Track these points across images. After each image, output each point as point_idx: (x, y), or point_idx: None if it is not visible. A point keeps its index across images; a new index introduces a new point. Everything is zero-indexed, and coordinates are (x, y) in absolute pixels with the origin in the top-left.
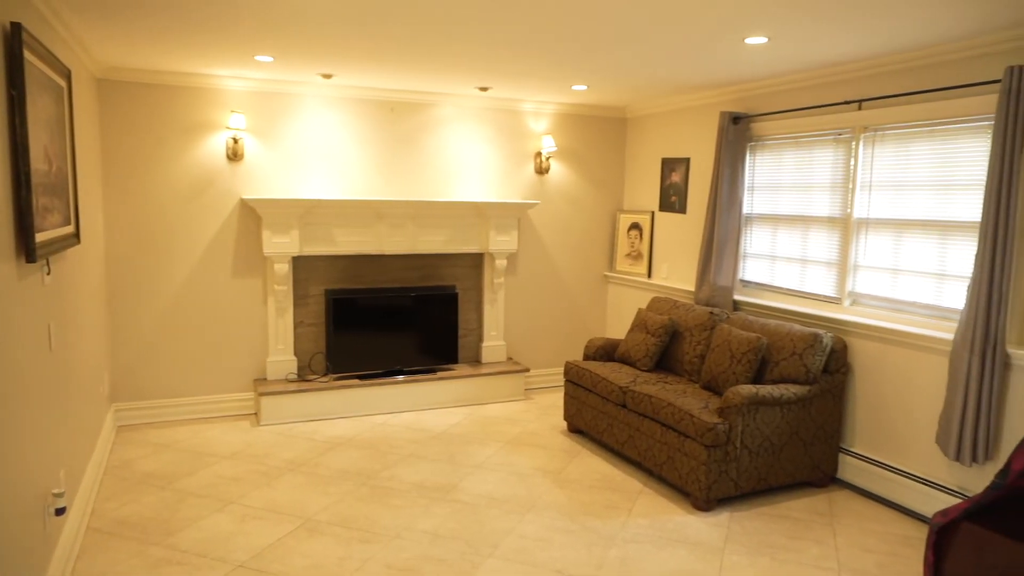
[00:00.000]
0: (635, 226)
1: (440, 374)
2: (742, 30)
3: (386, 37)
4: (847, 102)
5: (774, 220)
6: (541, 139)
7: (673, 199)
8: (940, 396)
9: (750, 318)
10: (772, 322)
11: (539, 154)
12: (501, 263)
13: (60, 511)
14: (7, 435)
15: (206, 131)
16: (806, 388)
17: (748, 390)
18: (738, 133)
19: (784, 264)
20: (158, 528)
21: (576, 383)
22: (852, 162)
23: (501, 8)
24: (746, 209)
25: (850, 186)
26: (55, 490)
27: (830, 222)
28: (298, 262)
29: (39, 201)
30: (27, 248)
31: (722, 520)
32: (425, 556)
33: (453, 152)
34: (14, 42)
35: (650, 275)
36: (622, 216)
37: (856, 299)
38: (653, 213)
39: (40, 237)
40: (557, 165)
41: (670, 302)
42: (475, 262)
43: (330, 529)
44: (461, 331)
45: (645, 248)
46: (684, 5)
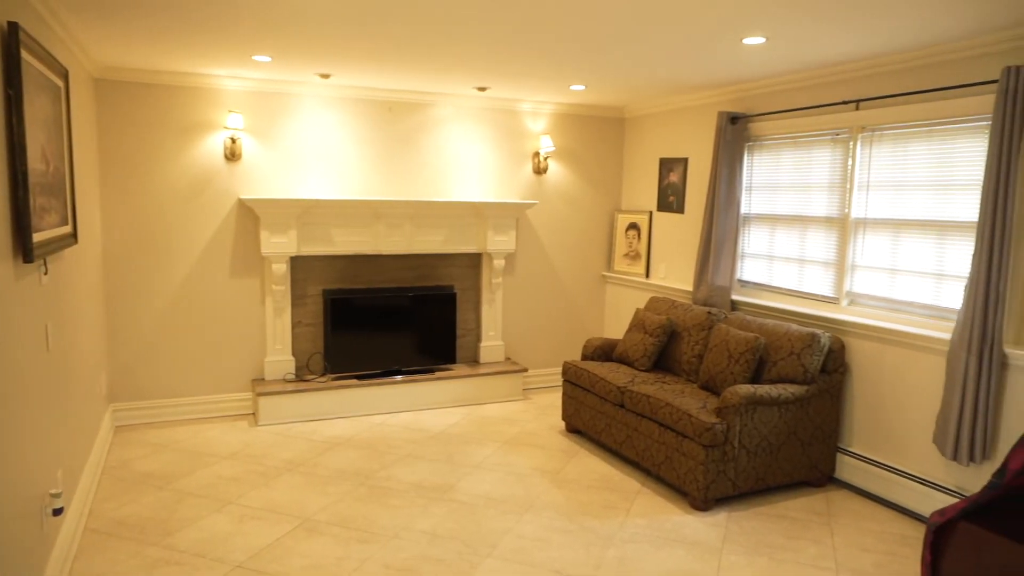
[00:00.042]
0: (633, 226)
1: (438, 374)
2: (740, 30)
3: (385, 37)
4: (845, 102)
5: (772, 220)
6: (539, 139)
7: (671, 199)
8: (937, 396)
9: (748, 318)
10: (770, 322)
11: (537, 154)
12: (499, 263)
13: (57, 511)
14: (4, 436)
15: (204, 131)
16: (804, 388)
17: (746, 390)
18: (736, 133)
19: (782, 264)
20: (156, 528)
21: (574, 383)
22: (850, 162)
23: (501, 8)
24: (744, 209)
25: (848, 186)
26: (52, 490)
27: (828, 222)
28: (296, 262)
29: (36, 201)
30: (24, 248)
31: (720, 520)
32: (423, 556)
33: (451, 152)
34: (11, 42)
35: (648, 275)
36: (620, 216)
37: (854, 299)
38: (651, 213)
39: (37, 237)
40: (555, 165)
41: (668, 302)
42: (473, 262)
43: (328, 529)
44: (459, 331)
45: (643, 248)
46: (682, 5)
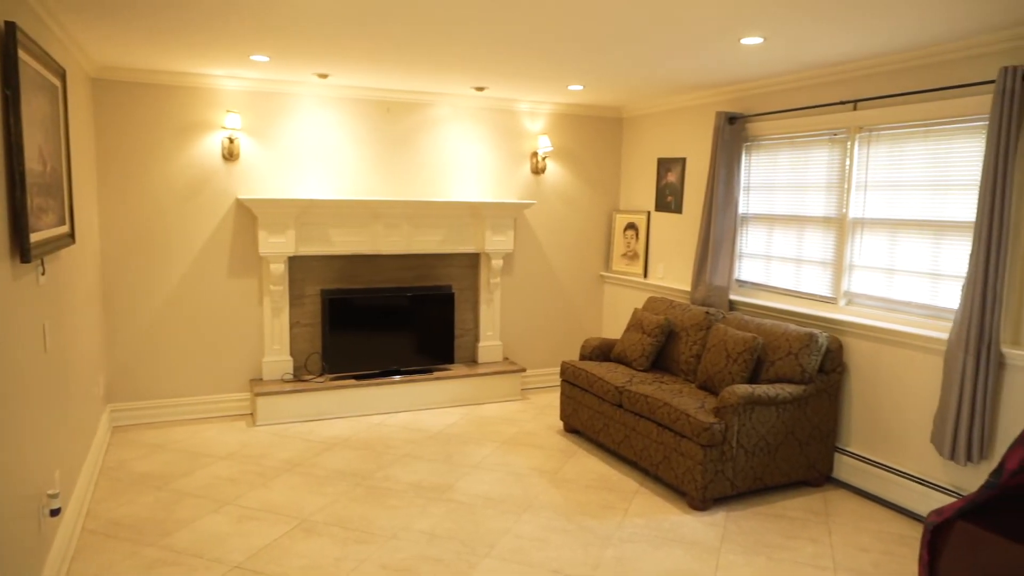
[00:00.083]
0: (631, 226)
1: (436, 374)
2: (738, 30)
3: (385, 37)
4: (842, 102)
5: (770, 220)
6: (537, 139)
7: (669, 199)
8: (935, 395)
9: (746, 318)
10: (768, 322)
11: (535, 154)
12: (497, 263)
13: (55, 512)
14: (2, 436)
15: (201, 131)
16: (802, 388)
17: (744, 390)
18: (734, 133)
19: (780, 264)
20: (154, 529)
21: (572, 383)
22: (847, 162)
23: (501, 8)
24: (742, 209)
25: (845, 186)
26: (50, 491)
27: (825, 222)
28: (294, 262)
29: (34, 201)
30: (22, 248)
31: (718, 520)
32: (421, 556)
33: (449, 152)
34: (8, 41)
35: (646, 275)
36: (618, 216)
37: (851, 299)
38: (649, 213)
39: (35, 237)
40: (553, 165)
41: (666, 302)
42: (471, 262)
43: (326, 529)
44: (457, 331)
45: (641, 248)
46: (681, 6)
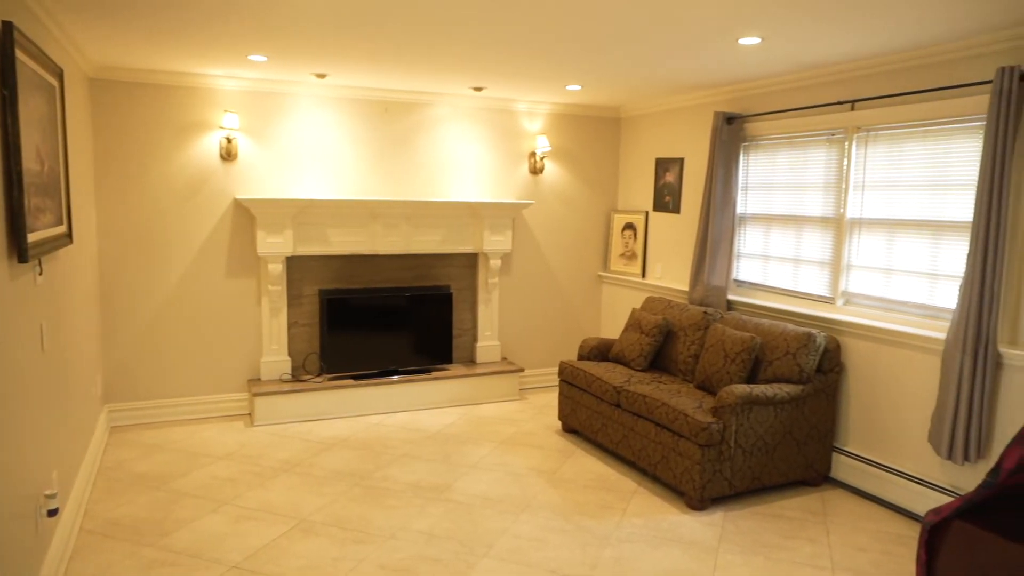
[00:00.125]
0: (629, 226)
1: (435, 374)
2: (736, 31)
3: (384, 37)
4: (840, 102)
5: (768, 220)
6: (535, 139)
7: (667, 199)
8: (932, 395)
9: (744, 318)
10: (766, 322)
11: (533, 154)
12: (495, 263)
13: (53, 512)
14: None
15: (199, 131)
16: (799, 387)
17: (742, 389)
18: (732, 133)
19: (778, 264)
20: (152, 529)
21: (570, 383)
22: (845, 162)
23: (500, 8)
24: (740, 209)
25: (843, 186)
26: (48, 491)
27: (823, 222)
28: (292, 262)
29: (31, 201)
30: (19, 248)
31: (716, 519)
32: (420, 556)
33: (447, 152)
34: (5, 41)
35: (644, 275)
36: (616, 216)
37: (849, 299)
38: (647, 213)
39: (32, 237)
40: (551, 165)
41: (664, 302)
42: (469, 262)
43: (324, 530)
44: (456, 331)
45: (639, 248)
46: (679, 6)
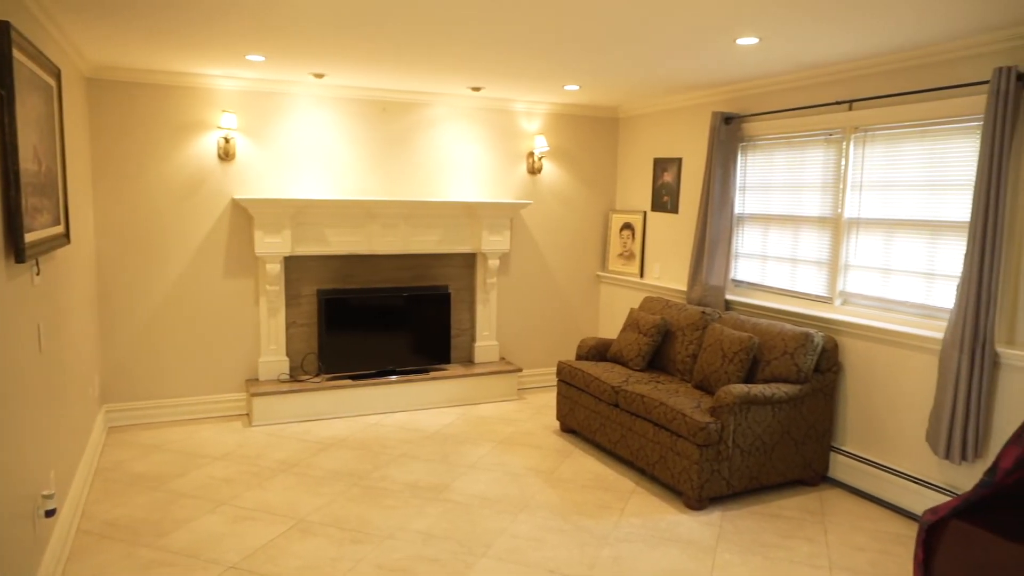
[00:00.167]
0: (627, 226)
1: (433, 374)
2: (734, 31)
3: (384, 37)
4: (838, 102)
5: (765, 220)
6: (533, 139)
7: (665, 199)
8: (930, 395)
9: (742, 318)
10: (764, 321)
11: (531, 154)
12: (494, 263)
13: (50, 513)
14: None
15: (197, 131)
16: (797, 387)
17: (740, 389)
18: (730, 133)
19: (775, 264)
20: (149, 530)
21: (569, 383)
22: (843, 162)
23: (500, 8)
24: (738, 209)
25: (841, 186)
26: (45, 492)
27: (821, 222)
28: (290, 262)
29: (28, 201)
30: (16, 248)
31: (714, 519)
32: (418, 556)
33: (445, 152)
34: (3, 41)
35: (642, 275)
36: (614, 216)
37: (847, 298)
38: (645, 213)
39: (29, 237)
40: (549, 165)
41: (662, 302)
42: (468, 262)
43: (322, 530)
44: (454, 331)
45: (637, 248)
46: (677, 6)
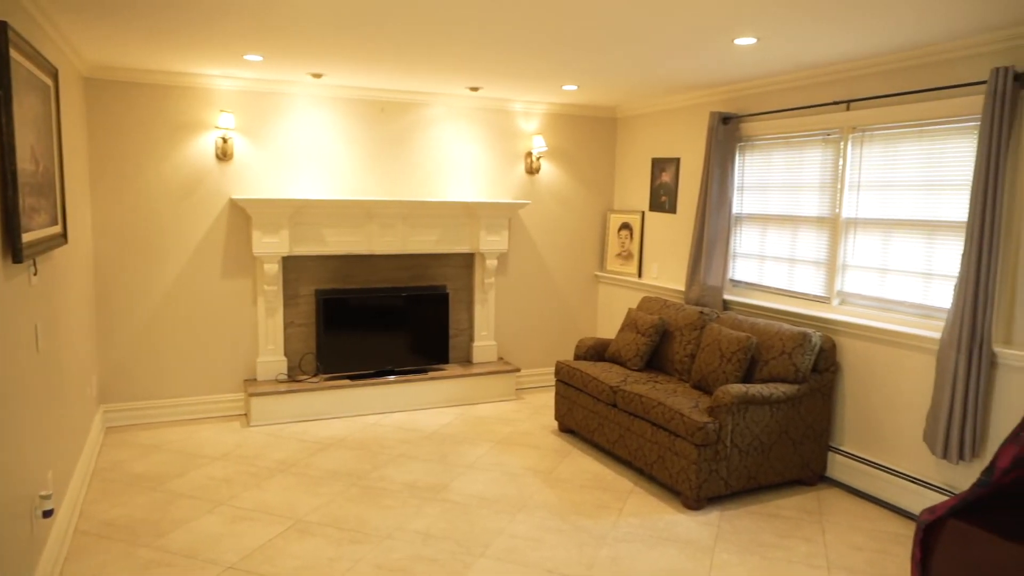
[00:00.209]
0: (625, 226)
1: (431, 374)
2: (732, 31)
3: (384, 37)
4: (836, 103)
5: (763, 220)
6: (531, 139)
7: (663, 199)
8: (927, 394)
9: (740, 317)
10: (761, 321)
11: (529, 154)
12: (492, 263)
13: (48, 513)
14: None
15: (195, 131)
16: (795, 387)
17: (738, 389)
18: (728, 133)
19: (773, 264)
20: (147, 530)
21: (567, 383)
22: (841, 162)
23: (502, 8)
24: (736, 209)
25: (839, 186)
26: (42, 492)
27: (819, 222)
28: (288, 262)
29: (26, 201)
30: (13, 248)
31: (712, 519)
32: (416, 556)
33: (444, 152)
34: (0, 41)
35: (640, 275)
36: (612, 216)
37: (845, 298)
38: (643, 213)
39: (27, 237)
40: (547, 165)
41: (660, 302)
42: (466, 262)
43: (321, 530)
44: (452, 331)
45: (635, 248)
46: (675, 7)
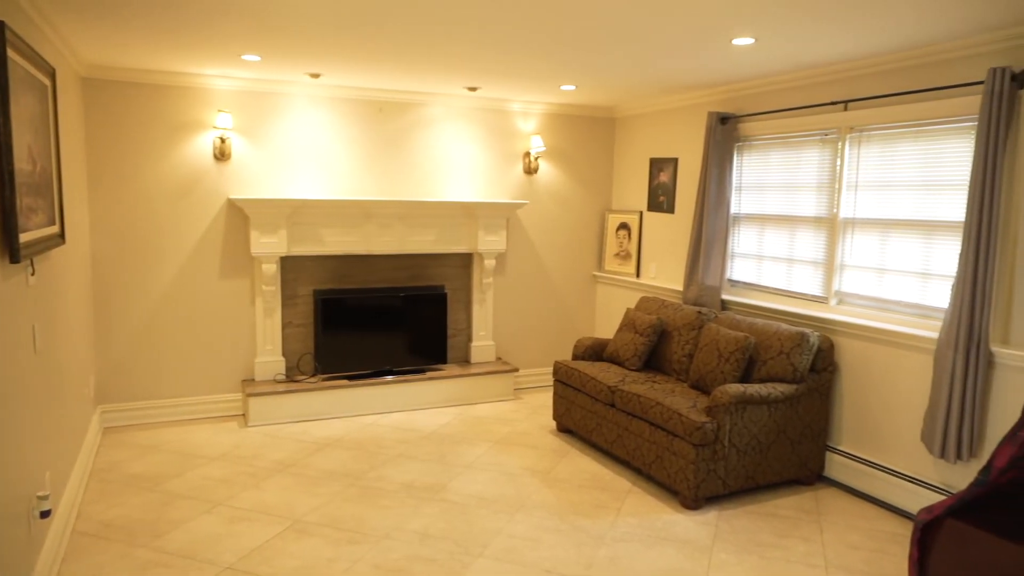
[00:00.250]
0: (623, 226)
1: (429, 374)
2: (730, 31)
3: (383, 37)
4: (833, 103)
5: (761, 220)
6: (530, 139)
7: (661, 199)
8: (925, 394)
9: (738, 317)
10: (760, 321)
11: (528, 154)
12: (490, 263)
13: (45, 514)
14: None
15: (193, 130)
16: (793, 387)
17: (736, 389)
18: (726, 133)
19: (771, 264)
20: (145, 530)
21: (565, 383)
22: (838, 162)
23: (502, 8)
24: (734, 209)
25: (836, 186)
26: (40, 493)
27: (817, 222)
28: (286, 262)
29: (23, 201)
30: (11, 248)
31: (710, 518)
32: (414, 556)
33: (442, 152)
34: None
35: (638, 275)
36: (610, 216)
37: (842, 298)
38: (641, 213)
39: (24, 237)
40: (546, 165)
41: (658, 302)
42: (464, 262)
43: (319, 530)
44: (450, 331)
45: (633, 248)
46: (674, 7)
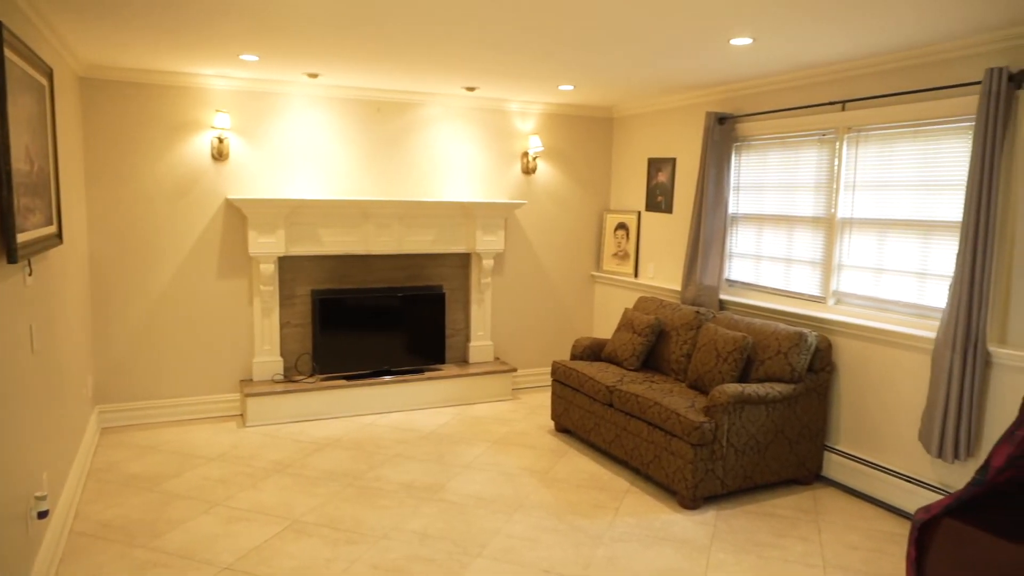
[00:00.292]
0: (622, 226)
1: (428, 374)
2: (728, 31)
3: (383, 37)
4: (831, 103)
5: (759, 220)
6: (528, 139)
7: (659, 199)
8: (923, 394)
9: (736, 317)
10: (757, 321)
11: (526, 154)
12: (488, 263)
13: (43, 514)
14: None
15: (191, 130)
16: (791, 387)
17: (734, 389)
18: (724, 133)
19: (769, 264)
20: (143, 531)
21: (563, 383)
22: (836, 162)
23: (501, 8)
24: (732, 209)
25: (834, 186)
26: (38, 493)
27: (814, 222)
28: (284, 262)
29: (20, 201)
30: (8, 249)
31: (708, 518)
32: (413, 556)
33: (440, 152)
34: None
35: (637, 275)
36: (609, 216)
37: (840, 298)
38: (639, 213)
39: (22, 237)
40: (544, 165)
41: (656, 301)
42: (462, 262)
43: (317, 530)
44: (448, 331)
45: (631, 248)
46: (673, 7)
